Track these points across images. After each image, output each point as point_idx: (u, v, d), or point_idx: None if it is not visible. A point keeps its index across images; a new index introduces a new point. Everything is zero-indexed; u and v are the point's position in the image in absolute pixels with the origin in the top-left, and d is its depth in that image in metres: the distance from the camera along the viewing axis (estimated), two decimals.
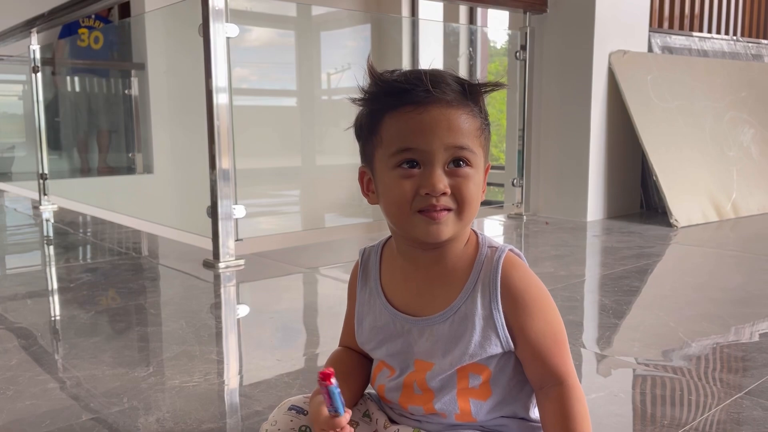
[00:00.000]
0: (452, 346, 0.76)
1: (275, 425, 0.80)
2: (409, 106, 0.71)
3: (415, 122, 0.71)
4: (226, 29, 2.24)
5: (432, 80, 0.72)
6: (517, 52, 3.37)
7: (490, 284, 0.75)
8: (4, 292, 2.10)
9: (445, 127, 0.71)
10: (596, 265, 2.48)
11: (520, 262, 0.78)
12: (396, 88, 0.72)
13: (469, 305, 0.75)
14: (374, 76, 0.75)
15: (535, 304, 0.75)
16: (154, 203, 3.89)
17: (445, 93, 0.71)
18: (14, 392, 1.23)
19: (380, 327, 0.81)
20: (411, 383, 0.79)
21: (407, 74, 0.74)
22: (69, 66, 5.37)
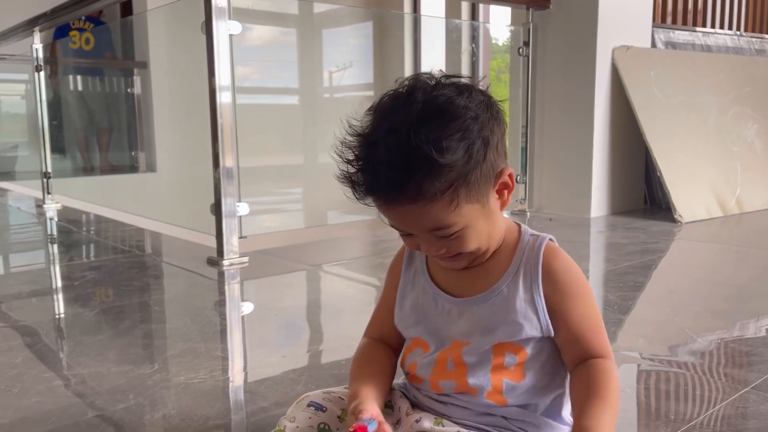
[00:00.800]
0: (492, 327, 0.78)
1: (294, 421, 0.80)
2: (375, 200, 0.72)
3: (387, 212, 0.72)
4: (228, 27, 2.24)
5: (367, 181, 0.70)
6: (519, 49, 3.36)
7: (532, 270, 0.77)
8: (9, 291, 2.10)
9: (410, 222, 0.72)
10: (600, 261, 2.48)
11: (560, 250, 0.80)
12: (348, 178, 0.72)
13: (511, 288, 0.77)
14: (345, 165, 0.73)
15: (575, 289, 0.78)
16: (157, 201, 3.90)
17: (391, 198, 0.70)
18: (20, 390, 1.23)
19: (422, 304, 0.83)
20: (445, 359, 0.80)
21: (360, 162, 0.71)
22: (64, 67, 5.38)
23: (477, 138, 0.70)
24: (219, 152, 2.25)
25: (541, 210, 3.47)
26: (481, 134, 0.70)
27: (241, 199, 2.33)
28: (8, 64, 5.83)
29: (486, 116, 0.71)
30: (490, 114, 0.72)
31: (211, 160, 2.28)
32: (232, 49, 2.26)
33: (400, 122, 0.68)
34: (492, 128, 0.72)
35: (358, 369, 0.86)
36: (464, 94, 0.71)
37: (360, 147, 0.71)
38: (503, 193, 0.76)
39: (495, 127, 0.72)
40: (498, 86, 4.77)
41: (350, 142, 0.72)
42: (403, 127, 0.68)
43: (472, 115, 0.70)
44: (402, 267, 0.86)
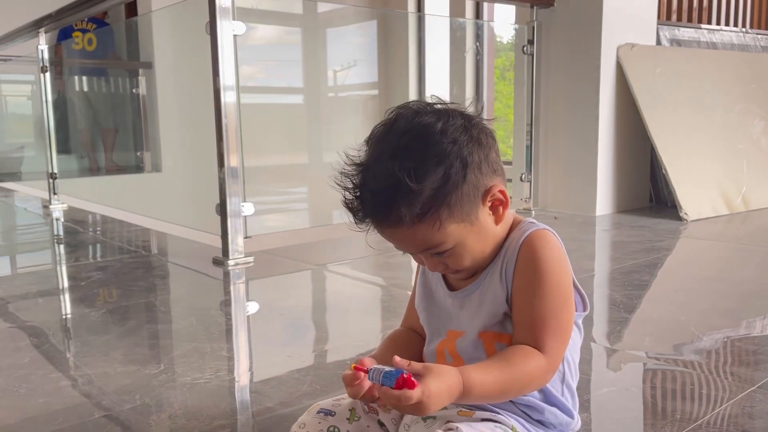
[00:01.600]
0: (481, 309, 0.81)
1: (303, 428, 0.82)
2: (370, 223, 0.76)
3: (382, 235, 0.78)
4: (233, 27, 2.24)
5: (362, 209, 0.75)
6: (524, 47, 3.35)
7: (510, 251, 0.80)
8: (16, 291, 2.12)
9: (403, 242, 0.77)
10: (606, 259, 2.47)
11: (548, 238, 0.80)
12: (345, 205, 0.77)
13: (494, 271, 0.81)
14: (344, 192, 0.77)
15: (539, 279, 0.77)
16: (163, 201, 3.91)
17: (379, 222, 0.75)
18: (27, 390, 1.24)
19: (432, 292, 0.87)
20: (442, 350, 0.84)
21: (355, 197, 0.75)
22: (69, 68, 5.40)
23: (455, 161, 0.73)
24: (224, 152, 2.26)
25: (547, 208, 3.46)
26: (459, 157, 0.73)
27: (246, 199, 2.33)
28: (14, 65, 5.86)
29: (464, 138, 0.74)
30: (468, 136, 0.75)
31: (216, 160, 2.29)
32: (237, 49, 2.26)
33: (384, 152, 0.74)
34: (471, 149, 0.74)
35: (383, 342, 0.91)
36: (442, 120, 0.75)
37: (355, 175, 0.76)
38: (497, 209, 0.78)
39: (475, 148, 0.75)
40: (503, 84, 4.76)
41: (348, 171, 0.77)
42: (385, 156, 0.73)
43: (449, 140, 0.73)
44: None
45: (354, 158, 0.77)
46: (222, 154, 2.26)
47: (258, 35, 4.29)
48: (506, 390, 0.75)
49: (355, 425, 0.82)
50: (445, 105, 0.78)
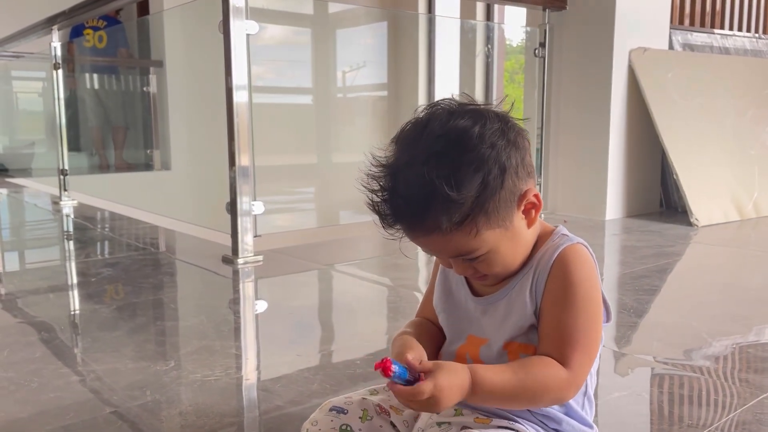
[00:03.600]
0: (507, 319, 0.79)
1: (316, 425, 0.81)
2: (401, 229, 0.74)
3: (412, 241, 0.75)
4: (246, 26, 2.25)
5: (391, 215, 0.72)
6: (535, 50, 3.35)
7: (542, 264, 0.77)
8: (27, 286, 2.13)
9: (435, 249, 0.75)
10: (616, 263, 2.46)
11: (583, 256, 0.78)
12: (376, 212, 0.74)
13: (524, 282, 0.78)
14: (371, 196, 0.74)
15: (568, 295, 0.75)
16: (172, 199, 3.92)
17: (411, 229, 0.72)
18: (38, 384, 1.24)
19: (452, 294, 0.85)
20: (464, 355, 0.82)
21: (384, 191, 0.72)
22: (80, 65, 5.44)
23: (493, 166, 0.70)
24: (235, 151, 2.26)
25: (556, 212, 3.45)
26: (497, 162, 0.71)
27: (256, 198, 2.34)
28: (25, 62, 5.90)
29: (502, 143, 0.72)
30: (506, 140, 0.72)
31: (227, 158, 2.30)
32: (249, 49, 2.27)
33: (416, 156, 0.70)
34: (509, 154, 0.72)
35: (410, 326, 0.88)
36: (479, 123, 0.71)
37: (383, 178, 0.72)
38: (530, 213, 0.76)
39: (512, 152, 0.72)
40: (511, 87, 4.75)
41: (375, 172, 0.73)
42: (418, 161, 0.69)
43: (487, 145, 0.70)
44: None
45: (380, 159, 0.73)
46: (233, 153, 2.27)
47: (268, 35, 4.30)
48: (517, 395, 0.73)
49: (367, 424, 0.81)
50: (477, 105, 0.76)
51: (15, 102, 6.87)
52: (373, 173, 0.73)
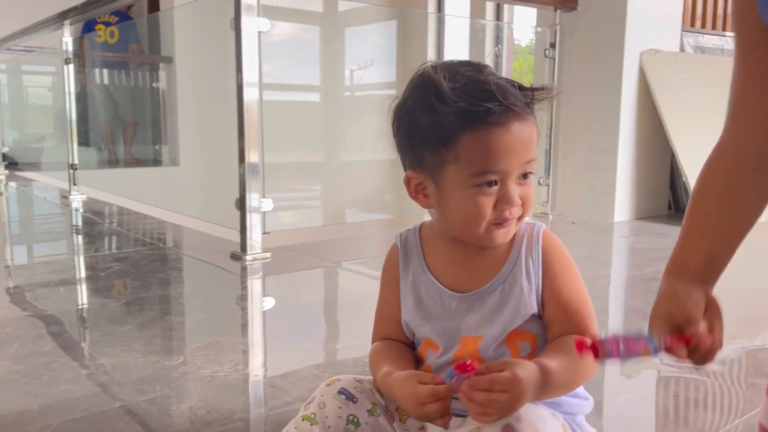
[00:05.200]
0: (502, 311, 0.79)
1: (324, 409, 0.79)
2: (490, 126, 0.73)
3: (498, 144, 0.74)
4: (257, 23, 2.25)
5: (504, 96, 0.74)
6: (546, 50, 3.34)
7: (532, 252, 0.81)
8: (37, 279, 2.14)
9: (523, 144, 0.75)
10: (624, 266, 2.46)
11: (554, 234, 0.84)
12: (476, 106, 0.73)
13: (516, 271, 0.80)
14: (447, 90, 0.74)
15: (568, 270, 0.81)
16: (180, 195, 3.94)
17: (519, 109, 0.75)
18: (49, 377, 1.25)
19: (427, 304, 0.83)
20: (462, 357, 0.79)
21: (477, 88, 0.74)
22: (91, 60, 5.46)
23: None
24: (245, 148, 2.27)
25: (564, 213, 3.44)
26: None
27: (265, 195, 2.35)
28: (36, 56, 5.93)
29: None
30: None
31: (237, 155, 2.30)
32: (260, 46, 2.27)
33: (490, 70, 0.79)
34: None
35: (384, 356, 0.84)
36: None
37: (479, 82, 0.75)
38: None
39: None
40: None
41: (467, 83, 0.75)
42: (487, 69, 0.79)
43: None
44: (399, 270, 0.86)
45: (458, 78, 0.76)
46: (243, 149, 2.27)
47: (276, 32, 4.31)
48: (568, 380, 0.75)
49: (373, 420, 0.80)
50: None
51: (25, 96, 6.91)
52: (468, 83, 0.75)
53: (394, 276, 0.86)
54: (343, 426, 0.78)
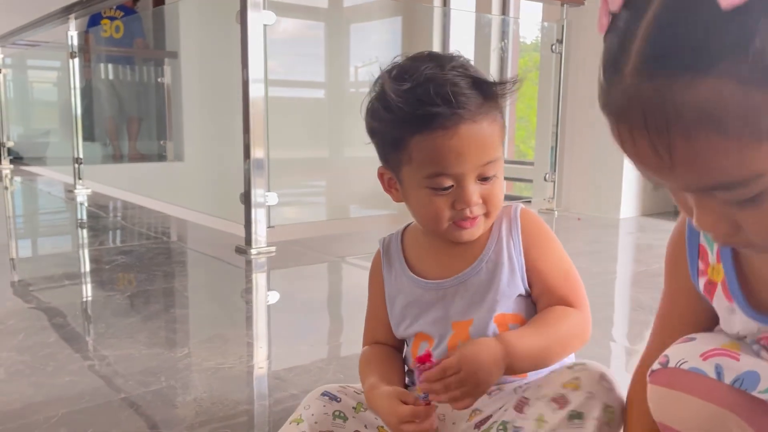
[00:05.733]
0: (487, 292, 0.79)
1: (309, 409, 0.80)
2: (436, 131, 0.72)
3: (446, 148, 0.72)
4: (263, 17, 2.24)
5: (455, 96, 0.71)
6: (552, 45, 3.32)
7: (511, 230, 0.81)
8: (42, 272, 2.14)
9: (476, 147, 0.73)
10: (630, 261, 2.45)
11: (533, 212, 0.84)
12: (422, 110, 0.71)
13: (497, 252, 0.80)
14: (394, 93, 0.73)
15: (547, 243, 0.82)
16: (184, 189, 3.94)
17: (470, 110, 0.72)
18: (53, 368, 1.25)
19: (413, 301, 0.83)
20: (455, 345, 0.80)
21: (426, 89, 0.72)
22: (96, 55, 5.46)
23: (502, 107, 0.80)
24: (250, 143, 2.27)
25: (570, 210, 3.43)
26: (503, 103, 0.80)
27: (270, 190, 2.34)
28: (41, 51, 5.93)
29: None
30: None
31: (241, 150, 2.30)
32: (266, 41, 2.26)
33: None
34: None
35: (372, 366, 0.85)
36: None
37: (432, 82, 0.74)
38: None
39: None
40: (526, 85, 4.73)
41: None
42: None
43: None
44: (383, 272, 0.87)
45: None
46: (248, 145, 2.27)
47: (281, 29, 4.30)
48: (551, 351, 0.75)
49: (360, 415, 0.81)
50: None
51: (30, 91, 6.91)
52: (400, 91, 0.74)
53: (379, 281, 0.88)
54: (330, 421, 0.79)
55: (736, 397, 0.55)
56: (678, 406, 0.58)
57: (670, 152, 0.42)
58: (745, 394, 0.55)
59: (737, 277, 0.59)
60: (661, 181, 0.47)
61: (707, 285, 0.62)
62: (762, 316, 0.58)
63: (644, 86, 0.41)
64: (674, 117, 0.40)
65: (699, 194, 0.46)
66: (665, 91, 0.40)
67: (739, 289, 0.59)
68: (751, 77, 0.38)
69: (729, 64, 0.38)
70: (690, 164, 0.42)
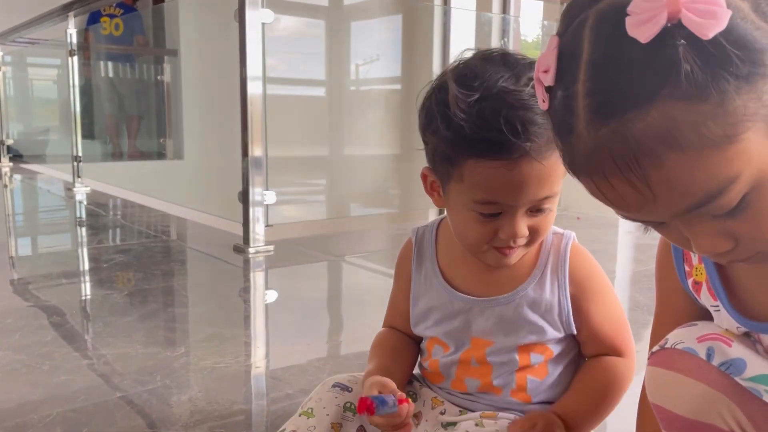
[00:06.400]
0: (516, 328, 0.77)
1: (320, 402, 0.80)
2: (498, 160, 0.65)
3: (504, 178, 0.66)
4: (261, 15, 2.24)
5: (526, 125, 0.64)
6: None
7: (558, 270, 0.76)
8: (40, 271, 2.14)
9: (534, 183, 0.67)
10: (629, 261, 2.45)
11: (584, 249, 0.80)
12: (486, 134, 0.64)
13: (537, 290, 0.76)
14: (458, 105, 0.66)
15: (598, 290, 0.78)
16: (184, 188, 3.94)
17: (539, 144, 0.64)
18: (50, 367, 1.25)
19: (437, 307, 0.81)
20: (468, 359, 0.79)
21: (495, 109, 0.64)
22: (96, 53, 5.46)
23: None
24: (248, 141, 2.26)
25: (569, 209, 3.42)
26: None
27: (268, 188, 2.34)
28: (41, 49, 5.93)
29: None
30: None
31: (240, 148, 2.29)
32: (265, 38, 2.26)
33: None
34: None
35: (378, 350, 0.86)
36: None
37: (502, 99, 0.68)
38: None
39: None
40: None
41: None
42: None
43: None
44: (412, 269, 0.84)
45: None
46: (246, 143, 2.27)
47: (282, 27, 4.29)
48: (601, 410, 0.77)
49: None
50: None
51: (30, 89, 6.91)
52: (465, 108, 0.67)
53: (407, 273, 0.85)
54: (341, 414, 0.79)
55: (726, 380, 0.57)
56: (672, 386, 0.59)
57: (647, 184, 0.44)
58: (734, 379, 0.56)
59: (720, 279, 0.61)
60: (651, 217, 0.48)
61: (693, 285, 0.65)
62: (741, 317, 0.59)
63: (601, 133, 0.44)
64: (638, 149, 0.43)
65: (688, 218, 0.47)
66: (622, 129, 0.43)
67: (723, 289, 0.60)
68: (690, 94, 0.41)
69: (667, 89, 0.41)
70: (668, 189, 0.44)
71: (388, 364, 0.82)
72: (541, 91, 0.49)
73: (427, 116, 0.71)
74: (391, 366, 0.82)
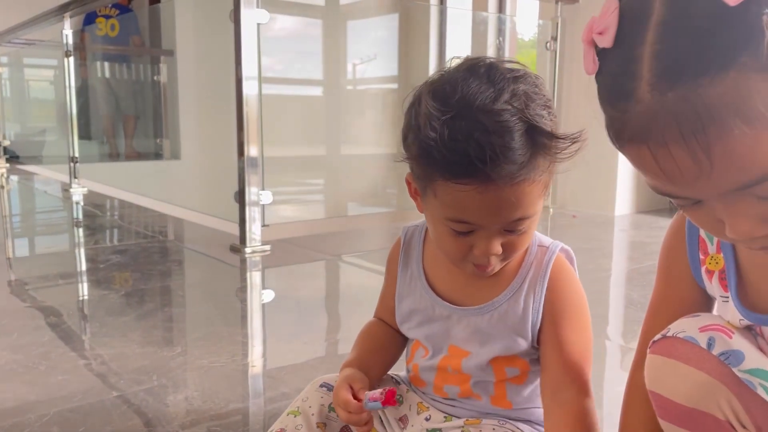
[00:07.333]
0: (489, 340, 0.76)
1: (306, 401, 0.81)
2: (469, 184, 0.63)
3: (474, 201, 0.64)
4: (257, 15, 2.24)
5: (495, 155, 0.61)
6: (547, 43, 3.33)
7: (536, 286, 0.74)
8: (37, 272, 2.14)
9: (507, 206, 0.65)
10: (624, 259, 2.46)
11: (569, 267, 0.76)
12: (454, 159, 0.62)
13: (512, 303, 0.74)
14: (429, 122, 0.63)
15: (573, 313, 0.74)
16: (181, 188, 3.94)
17: (511, 172, 0.62)
18: (46, 367, 1.25)
19: (420, 309, 0.81)
20: (445, 366, 0.79)
21: (467, 130, 0.61)
22: (92, 53, 5.45)
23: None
24: (244, 141, 2.27)
25: (565, 207, 3.43)
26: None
27: (264, 188, 2.34)
28: (37, 50, 5.92)
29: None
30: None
31: (236, 148, 2.30)
32: (260, 38, 2.26)
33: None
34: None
35: (362, 340, 0.86)
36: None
37: (477, 121, 0.65)
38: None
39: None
40: None
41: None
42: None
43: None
44: (398, 267, 0.83)
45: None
46: (242, 143, 2.27)
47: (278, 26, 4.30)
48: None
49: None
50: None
51: (26, 90, 6.90)
52: (434, 128, 0.65)
53: (393, 274, 0.85)
54: (326, 414, 0.80)
55: (726, 369, 0.57)
56: (672, 373, 0.60)
57: (708, 155, 0.42)
58: (733, 369, 0.57)
59: (736, 271, 0.61)
60: (695, 193, 0.46)
61: (705, 273, 0.65)
62: (746, 309, 0.60)
63: (667, 98, 0.42)
64: (707, 117, 0.41)
65: (732, 198, 0.45)
66: (691, 95, 0.41)
67: (735, 282, 0.61)
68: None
69: (746, 57, 0.39)
70: (728, 163, 0.42)
71: (368, 356, 0.83)
72: (592, 53, 0.47)
73: (405, 128, 0.70)
74: (370, 359, 0.82)
